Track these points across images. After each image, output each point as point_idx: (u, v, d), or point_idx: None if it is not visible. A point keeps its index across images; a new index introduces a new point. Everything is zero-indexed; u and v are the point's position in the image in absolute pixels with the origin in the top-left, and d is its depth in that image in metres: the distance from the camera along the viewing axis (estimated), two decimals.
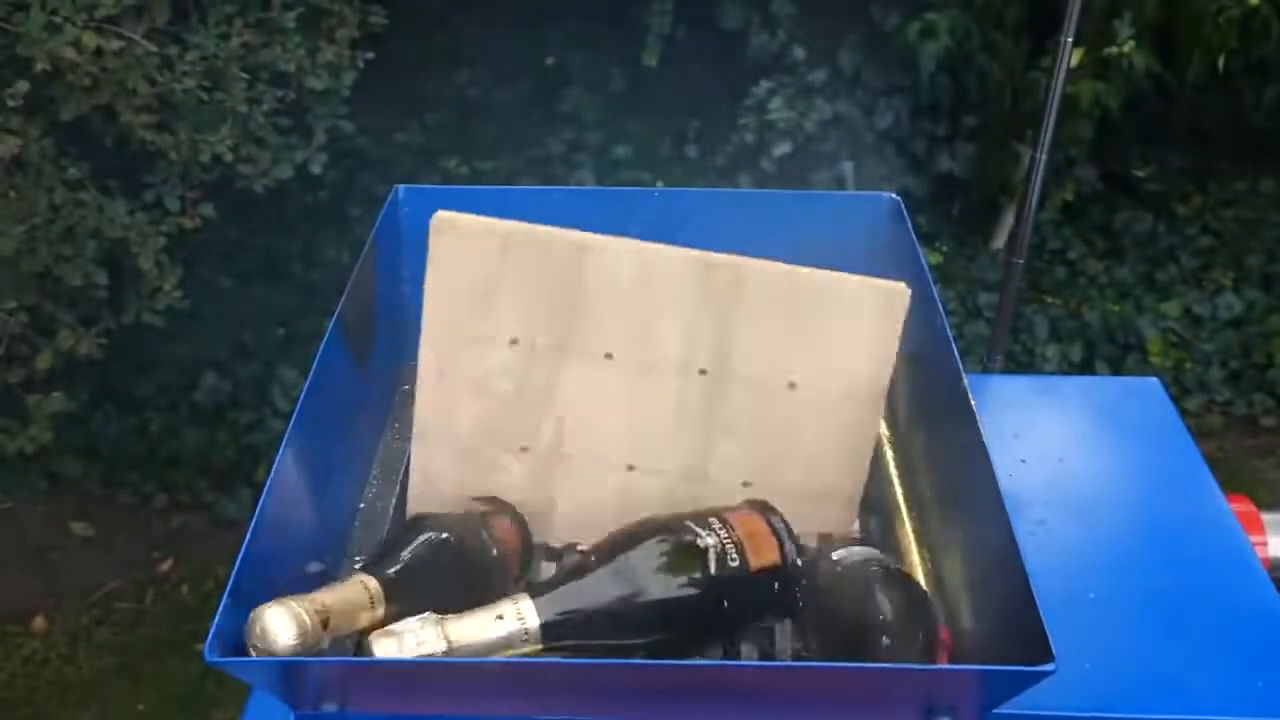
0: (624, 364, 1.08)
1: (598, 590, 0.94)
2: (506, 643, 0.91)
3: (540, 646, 0.92)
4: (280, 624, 0.83)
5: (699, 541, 0.96)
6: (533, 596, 0.93)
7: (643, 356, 1.07)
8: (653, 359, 1.07)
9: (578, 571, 0.96)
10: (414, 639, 0.88)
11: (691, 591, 0.94)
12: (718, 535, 0.97)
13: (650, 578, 0.94)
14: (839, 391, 1.08)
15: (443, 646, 0.88)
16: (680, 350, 1.07)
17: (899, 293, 1.07)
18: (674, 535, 0.96)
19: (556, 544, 1.12)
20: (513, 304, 1.06)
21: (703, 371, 1.07)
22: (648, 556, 0.96)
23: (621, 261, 1.06)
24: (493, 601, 1.00)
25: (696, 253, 1.07)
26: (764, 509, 1.02)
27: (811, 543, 1.06)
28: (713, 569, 0.96)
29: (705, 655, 0.99)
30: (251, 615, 0.83)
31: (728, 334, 1.07)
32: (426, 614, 0.90)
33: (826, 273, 1.08)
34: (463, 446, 1.11)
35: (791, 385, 1.08)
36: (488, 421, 1.09)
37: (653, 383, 1.08)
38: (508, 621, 0.91)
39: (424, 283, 1.08)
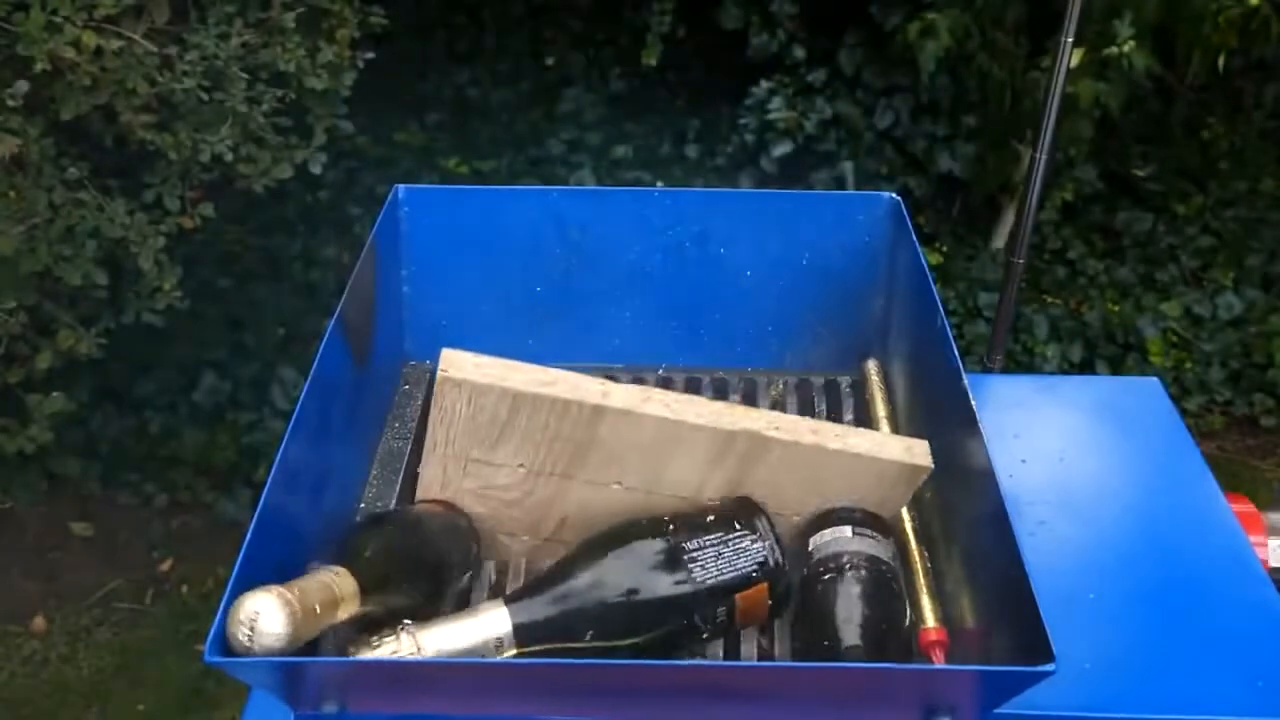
0: (632, 491, 1.06)
1: (574, 598, 0.94)
2: (480, 649, 0.91)
3: (514, 651, 0.92)
4: (271, 613, 0.80)
5: (698, 633, 0.97)
6: (507, 603, 0.94)
7: (652, 488, 1.06)
8: (661, 489, 1.06)
9: (553, 578, 0.97)
10: (389, 649, 0.88)
11: (672, 621, 0.96)
12: (715, 622, 0.97)
13: (632, 592, 0.95)
14: None
15: (417, 655, 0.88)
16: (691, 488, 1.06)
17: (920, 469, 1.05)
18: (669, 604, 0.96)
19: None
20: (520, 445, 1.04)
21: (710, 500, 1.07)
22: (631, 582, 0.96)
23: (640, 425, 1.01)
24: (467, 600, 1.02)
25: (719, 422, 1.02)
26: (751, 511, 1.02)
27: None
28: (705, 634, 0.98)
29: (679, 656, 1.00)
30: (237, 600, 0.81)
31: (742, 483, 1.05)
32: (403, 622, 0.90)
33: (853, 444, 1.04)
34: None
35: (795, 518, 1.08)
36: (489, 517, 1.10)
37: (658, 503, 1.06)
38: (482, 628, 0.92)
39: (430, 413, 1.04)
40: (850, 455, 1.03)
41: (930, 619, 1.03)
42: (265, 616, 0.80)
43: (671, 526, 0.99)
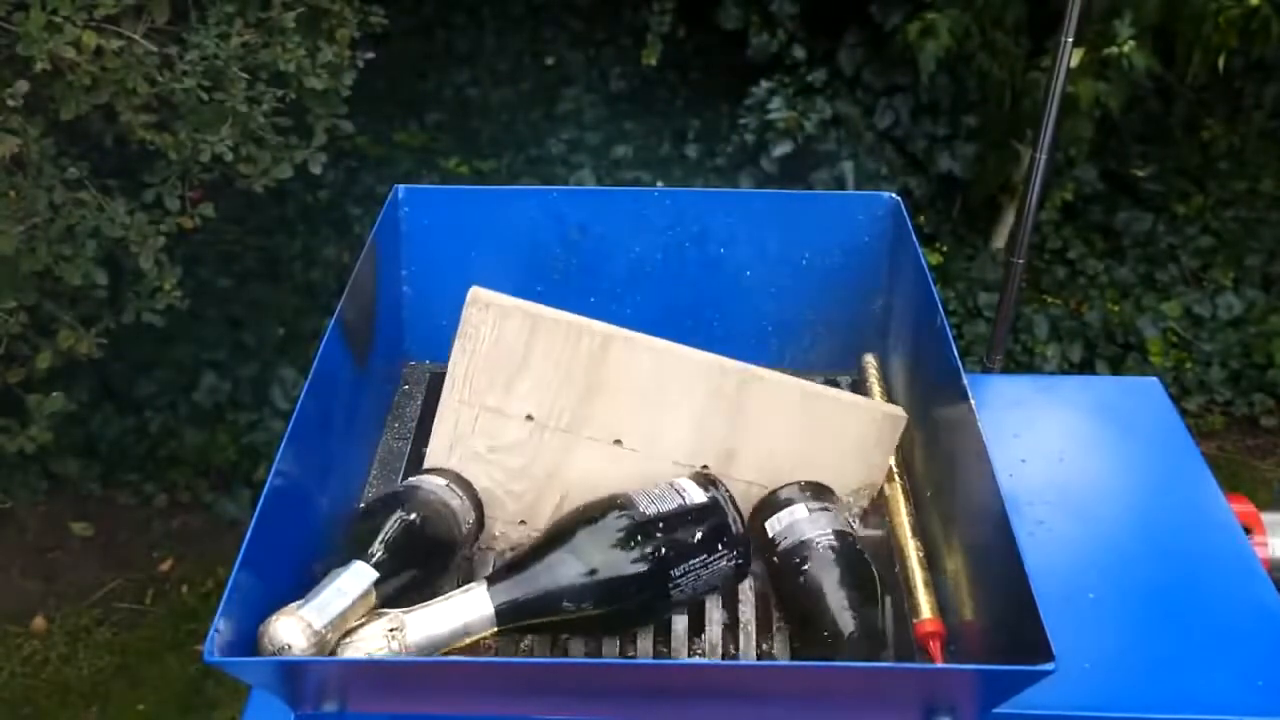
0: (631, 450, 1.11)
1: (552, 580, 0.96)
2: (464, 631, 0.92)
3: (496, 629, 0.94)
4: (292, 632, 0.84)
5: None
6: (488, 584, 0.95)
7: (650, 446, 1.11)
8: (659, 449, 1.11)
9: (529, 556, 0.98)
10: (374, 640, 0.89)
11: (641, 570, 0.97)
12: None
13: (603, 560, 0.97)
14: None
15: (399, 644, 0.89)
16: (687, 445, 1.11)
17: (896, 417, 1.13)
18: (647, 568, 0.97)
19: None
20: (534, 383, 1.10)
21: (704, 466, 1.11)
22: (601, 545, 0.98)
23: (642, 357, 1.09)
24: (453, 577, 1.04)
25: (712, 357, 1.10)
26: (710, 484, 1.04)
27: None
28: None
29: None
30: (260, 628, 0.85)
31: (733, 435, 1.10)
32: (384, 611, 0.91)
33: (832, 392, 1.14)
34: None
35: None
36: (491, 492, 1.12)
37: (655, 469, 1.10)
38: (463, 611, 0.93)
39: (451, 351, 1.10)
40: (830, 399, 1.11)
41: (926, 610, 1.03)
42: (294, 644, 0.85)
43: (663, 550, 0.98)
